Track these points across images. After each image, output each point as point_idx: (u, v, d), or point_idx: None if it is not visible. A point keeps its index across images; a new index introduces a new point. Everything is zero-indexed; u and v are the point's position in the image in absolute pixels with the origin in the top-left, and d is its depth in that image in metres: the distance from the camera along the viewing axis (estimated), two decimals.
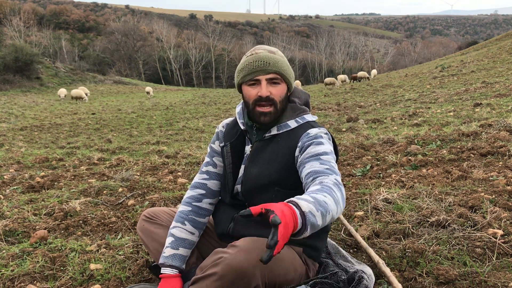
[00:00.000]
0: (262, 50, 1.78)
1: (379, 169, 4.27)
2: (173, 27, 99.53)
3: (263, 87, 1.74)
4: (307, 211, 1.28)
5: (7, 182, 4.88)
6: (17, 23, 63.00)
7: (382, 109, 11.31)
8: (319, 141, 1.71)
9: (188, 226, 1.92)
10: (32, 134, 11.25)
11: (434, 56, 76.81)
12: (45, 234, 2.74)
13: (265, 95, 1.73)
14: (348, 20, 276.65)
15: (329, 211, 1.37)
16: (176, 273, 1.84)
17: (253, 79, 1.75)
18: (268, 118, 1.76)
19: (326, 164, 1.61)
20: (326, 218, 1.36)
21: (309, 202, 1.32)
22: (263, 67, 1.73)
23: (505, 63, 17.90)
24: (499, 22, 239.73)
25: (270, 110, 1.75)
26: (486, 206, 2.64)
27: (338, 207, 1.43)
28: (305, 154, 1.68)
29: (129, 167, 5.70)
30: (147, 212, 2.03)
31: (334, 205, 1.41)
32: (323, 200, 1.38)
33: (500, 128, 5.32)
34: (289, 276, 1.71)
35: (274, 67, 1.73)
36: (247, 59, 1.77)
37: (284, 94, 1.79)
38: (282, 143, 1.79)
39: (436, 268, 1.94)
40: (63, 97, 26.32)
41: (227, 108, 17.50)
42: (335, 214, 1.41)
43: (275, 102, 1.76)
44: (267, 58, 1.74)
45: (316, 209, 1.32)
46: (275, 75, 1.74)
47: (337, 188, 1.49)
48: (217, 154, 2.02)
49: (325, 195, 1.41)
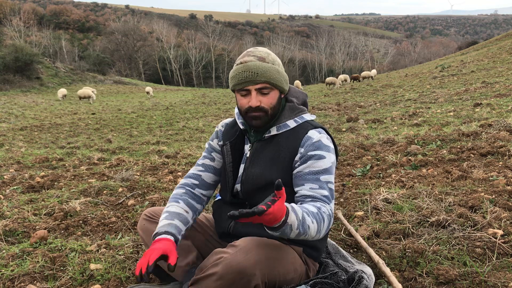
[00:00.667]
0: (252, 57, 1.74)
1: (379, 169, 4.27)
2: (173, 27, 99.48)
3: (252, 97, 1.74)
4: (289, 224, 1.45)
5: (7, 182, 4.88)
6: (17, 23, 62.97)
7: (382, 109, 11.31)
8: (321, 154, 1.73)
9: (182, 204, 1.90)
10: (32, 134, 11.25)
11: (434, 56, 76.84)
12: (45, 234, 2.74)
13: (254, 106, 1.74)
14: (348, 20, 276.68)
15: (306, 234, 1.54)
16: (170, 238, 1.70)
17: (243, 89, 1.75)
18: (260, 122, 1.78)
19: (325, 188, 1.70)
20: (299, 236, 1.53)
21: (297, 219, 1.48)
22: (251, 77, 1.71)
23: (505, 63, 17.90)
24: (499, 22, 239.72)
25: (260, 115, 1.76)
26: (486, 206, 2.64)
27: (316, 235, 1.59)
28: (305, 167, 1.73)
29: (129, 167, 5.70)
30: (148, 211, 2.03)
31: (314, 232, 1.57)
32: (308, 224, 1.53)
33: (500, 128, 5.32)
34: (289, 275, 1.71)
35: (262, 77, 1.71)
36: (237, 68, 1.75)
37: (275, 100, 1.79)
38: (283, 144, 1.80)
39: (436, 268, 1.94)
40: (61, 98, 25.44)
41: (227, 108, 17.50)
42: (309, 237, 1.58)
43: (266, 110, 1.76)
44: (255, 68, 1.71)
45: (297, 227, 1.48)
46: (265, 85, 1.73)
47: (328, 220, 1.64)
48: (216, 151, 2.03)
49: (313, 221, 1.55)
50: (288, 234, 1.48)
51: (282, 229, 1.44)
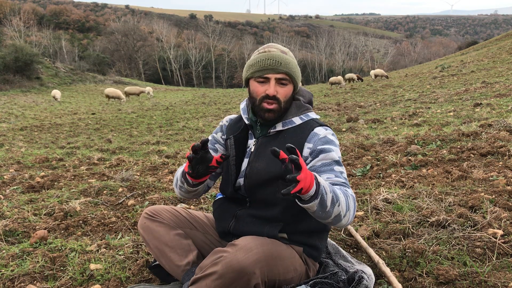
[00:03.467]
0: (275, 49, 1.80)
1: (379, 169, 4.27)
2: (173, 27, 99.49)
3: (271, 86, 1.77)
4: (322, 185, 1.45)
5: (7, 182, 4.88)
6: (17, 23, 62.96)
7: (382, 109, 11.31)
8: (330, 148, 1.75)
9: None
10: (32, 134, 11.25)
11: (434, 56, 76.84)
12: (45, 234, 2.74)
13: (272, 94, 1.77)
14: (348, 20, 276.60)
15: (339, 203, 1.51)
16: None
17: (262, 76, 1.78)
18: (272, 115, 1.80)
19: (340, 177, 1.69)
20: (334, 208, 1.49)
21: (326, 184, 1.48)
22: (274, 66, 1.76)
23: (505, 63, 17.91)
24: (499, 22, 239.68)
25: (275, 108, 1.79)
26: (486, 206, 2.64)
27: (347, 212, 1.55)
28: (317, 161, 1.73)
29: (129, 167, 5.70)
30: (149, 210, 2.03)
31: (345, 205, 1.54)
32: (338, 193, 1.52)
33: (500, 128, 5.32)
34: (289, 275, 1.71)
35: (285, 68, 1.77)
36: (259, 56, 1.79)
37: (289, 94, 1.83)
38: (289, 139, 1.81)
39: (436, 268, 1.94)
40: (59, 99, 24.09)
41: (227, 108, 17.49)
42: (342, 214, 1.53)
43: (280, 102, 1.79)
44: (279, 57, 1.77)
45: (330, 191, 1.48)
46: (285, 76, 1.78)
47: (353, 200, 1.61)
48: (219, 143, 2.05)
49: (340, 193, 1.55)
50: (325, 200, 1.45)
51: (320, 189, 1.42)
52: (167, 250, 1.91)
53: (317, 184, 1.42)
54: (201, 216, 2.11)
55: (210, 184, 2.07)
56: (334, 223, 1.57)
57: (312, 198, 1.42)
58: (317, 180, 1.43)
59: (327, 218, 1.52)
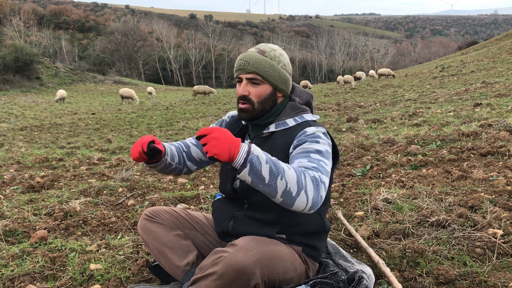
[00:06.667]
0: (253, 49, 1.82)
1: (379, 169, 4.27)
2: (173, 27, 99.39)
3: (242, 85, 1.79)
4: (255, 154, 1.43)
5: (7, 182, 4.88)
6: (17, 23, 62.96)
7: (382, 109, 11.31)
8: (315, 139, 1.68)
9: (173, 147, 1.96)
10: (32, 134, 11.25)
11: (434, 56, 76.85)
12: (45, 234, 2.74)
13: (239, 94, 1.79)
14: (348, 20, 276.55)
15: (282, 178, 1.43)
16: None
17: (238, 76, 1.81)
18: (245, 115, 1.80)
19: (314, 162, 1.58)
20: (277, 181, 1.43)
21: (265, 155, 1.46)
22: (243, 66, 1.77)
23: (505, 63, 17.91)
24: (499, 22, 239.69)
25: (247, 108, 1.78)
26: (486, 206, 2.64)
27: (301, 191, 1.45)
28: (297, 150, 1.67)
29: (129, 167, 5.70)
30: (148, 211, 2.02)
31: (295, 182, 1.44)
32: (285, 167, 1.46)
33: (500, 128, 5.33)
34: (288, 275, 1.71)
35: (252, 68, 1.75)
36: (238, 57, 1.82)
37: (265, 94, 1.79)
38: (278, 140, 1.79)
39: (436, 268, 1.94)
40: (59, 99, 23.67)
41: (227, 108, 17.49)
42: (294, 192, 1.44)
43: (253, 102, 1.78)
44: (249, 57, 1.76)
45: (267, 161, 1.44)
46: (254, 75, 1.76)
47: (311, 180, 1.49)
48: None
49: (289, 168, 1.47)
50: (260, 169, 1.42)
51: (249, 157, 1.42)
52: (166, 251, 1.90)
53: (247, 152, 1.43)
54: (200, 217, 2.11)
55: (192, 168, 2.04)
56: (287, 203, 1.47)
57: (242, 166, 1.42)
58: (249, 149, 1.44)
59: (275, 195, 1.45)
